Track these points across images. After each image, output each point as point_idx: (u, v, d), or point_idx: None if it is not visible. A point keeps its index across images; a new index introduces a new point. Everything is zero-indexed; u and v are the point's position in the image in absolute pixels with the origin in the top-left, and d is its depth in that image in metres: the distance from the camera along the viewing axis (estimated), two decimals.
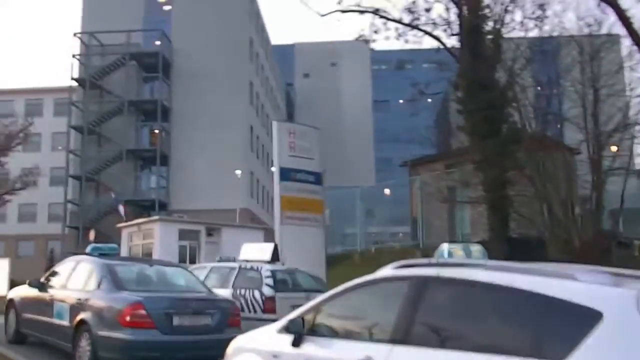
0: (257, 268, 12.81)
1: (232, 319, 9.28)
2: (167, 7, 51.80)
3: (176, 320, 8.55)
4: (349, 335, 4.69)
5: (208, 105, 47.89)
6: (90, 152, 49.18)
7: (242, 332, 8.43)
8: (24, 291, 11.48)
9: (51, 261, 49.12)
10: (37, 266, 42.71)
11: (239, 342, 5.74)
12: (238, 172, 45.11)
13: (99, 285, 9.17)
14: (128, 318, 8.24)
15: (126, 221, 32.16)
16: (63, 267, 10.95)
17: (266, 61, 61.48)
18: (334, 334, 4.76)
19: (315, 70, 79.10)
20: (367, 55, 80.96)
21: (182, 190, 47.37)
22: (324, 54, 79.05)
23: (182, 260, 25.92)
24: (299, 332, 4.82)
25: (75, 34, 51.11)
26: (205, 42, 49.04)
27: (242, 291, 12.35)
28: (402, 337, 4.13)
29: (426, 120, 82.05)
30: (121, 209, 36.29)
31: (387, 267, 4.73)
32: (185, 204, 45.09)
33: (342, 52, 79.60)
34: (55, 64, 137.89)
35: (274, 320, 10.84)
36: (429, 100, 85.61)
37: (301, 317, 4.91)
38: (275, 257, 13.47)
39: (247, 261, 13.38)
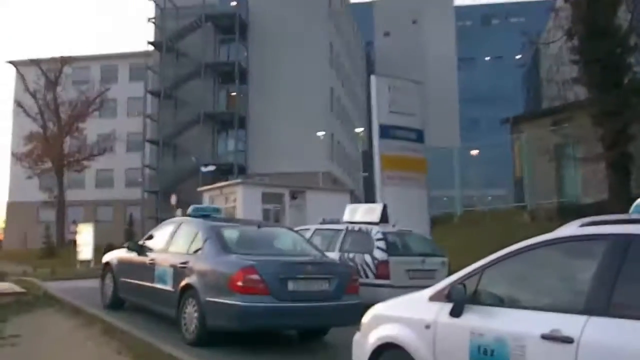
0: (367, 230, 11.86)
1: (350, 285, 8.43)
2: None
3: (291, 286, 7.82)
4: (523, 304, 4.01)
5: (286, 66, 46.44)
6: (167, 117, 48.71)
7: (359, 298, 8.24)
8: (122, 254, 10.98)
9: (130, 225, 49.62)
10: (115, 231, 42.84)
11: (379, 310, 5.10)
12: (320, 133, 43.73)
13: (205, 248, 8.59)
14: (240, 283, 7.61)
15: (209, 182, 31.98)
16: (163, 230, 10.32)
17: (346, 19, 59.33)
18: (502, 302, 4.09)
19: (396, 28, 76.35)
20: (451, 10, 77.88)
21: (261, 154, 46.49)
22: (405, 11, 76.10)
23: None
24: (461, 300, 4.17)
25: None
26: (282, 1, 47.34)
27: (351, 255, 11.62)
28: (599, 307, 3.49)
29: (514, 79, 79.13)
30: (209, 167, 35.94)
31: (571, 225, 4.10)
32: (264, 168, 44.16)
33: (424, 9, 76.62)
34: (130, 29, 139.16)
35: (387, 286, 10.73)
36: (518, 56, 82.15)
37: (462, 283, 4.28)
38: (384, 218, 12.33)
39: (353, 223, 12.46)
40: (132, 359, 7.39)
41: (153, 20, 50.16)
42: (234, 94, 48.64)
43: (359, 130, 46.83)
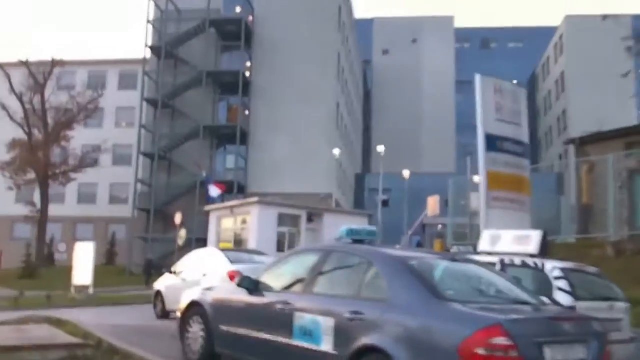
0: (538, 265, 9.16)
1: (606, 351, 5.90)
2: None
3: (548, 354, 5.28)
4: None
5: (292, 78, 43.55)
6: (163, 128, 45.05)
7: None
8: (224, 293, 8.10)
9: (112, 246, 45.95)
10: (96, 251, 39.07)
11: None
12: (336, 151, 41.04)
13: (397, 292, 5.92)
14: (481, 350, 5.03)
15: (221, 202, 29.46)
16: (294, 260, 7.80)
17: (351, 33, 56.58)
18: None
19: (395, 46, 73.74)
20: (451, 32, 75.69)
21: (262, 172, 43.50)
22: (405, 29, 73.57)
23: (280, 249, 23.83)
24: None
25: None
26: (290, 8, 44.46)
27: None
28: None
29: None
30: (213, 189, 32.46)
31: None
32: (265, 187, 41.08)
33: (423, 28, 74.36)
34: (121, 33, 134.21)
35: None
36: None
37: None
38: (544, 249, 9.53)
39: (499, 254, 9.70)
40: None
41: (152, 22, 46.50)
42: (235, 106, 45.28)
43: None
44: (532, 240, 9.73)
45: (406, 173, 45.81)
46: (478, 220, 14.37)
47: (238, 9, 45.90)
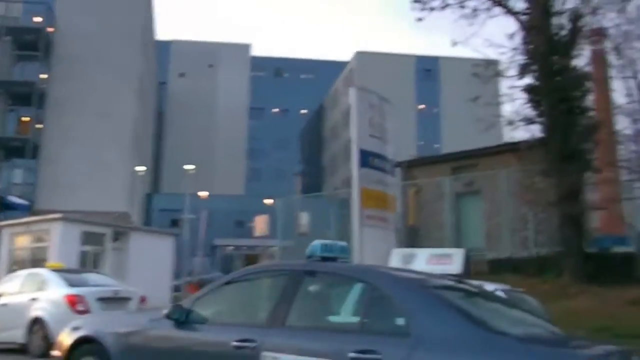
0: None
1: None
2: None
3: None
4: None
5: (91, 92, 42.69)
6: None
7: None
8: (134, 327, 5.93)
9: None
10: None
11: None
12: (141, 168, 40.81)
13: (427, 323, 4.37)
14: None
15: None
16: (247, 284, 5.95)
17: (152, 53, 56.56)
18: None
19: (191, 70, 74.40)
20: (247, 59, 77.95)
21: (52, 188, 41.52)
22: (202, 54, 74.52)
23: None
24: None
25: None
26: (94, 22, 43.62)
27: None
28: None
29: (297, 132, 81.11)
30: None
31: None
32: (54, 204, 39.23)
33: (220, 54, 75.88)
34: None
35: None
36: (303, 111, 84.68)
37: None
38: (467, 268, 9.55)
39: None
40: None
41: None
42: (27, 118, 43.32)
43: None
44: (454, 258, 9.73)
45: (203, 194, 46.71)
46: (308, 240, 13.81)
47: (39, 19, 44.10)
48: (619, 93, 14.91)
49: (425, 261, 9.80)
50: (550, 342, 4.65)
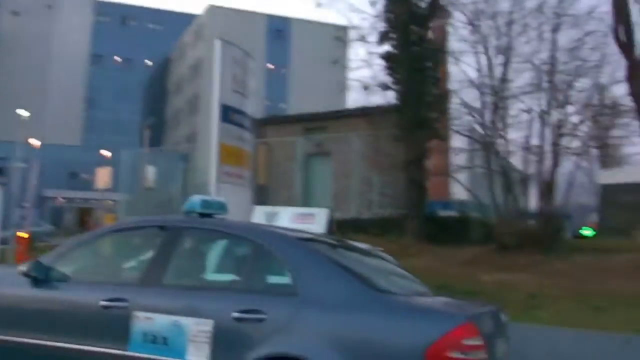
0: None
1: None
2: None
3: (498, 348, 4.47)
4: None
5: None
6: None
7: None
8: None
9: None
10: None
11: None
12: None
13: (314, 283, 4.26)
14: (456, 353, 3.85)
15: None
16: (114, 240, 5.51)
17: None
18: None
19: (27, 9, 69.16)
20: (90, 2, 73.90)
21: None
22: None
23: None
24: None
25: None
26: None
27: None
28: None
29: (140, 83, 78.20)
30: None
31: None
32: None
33: None
34: None
35: None
36: (148, 63, 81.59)
37: None
38: (330, 227, 9.62)
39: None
40: None
41: None
42: None
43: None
44: (317, 217, 9.79)
45: (35, 142, 43.96)
46: (154, 194, 13.22)
47: None
48: (470, 67, 15.49)
49: (289, 219, 9.86)
50: (433, 300, 4.69)
